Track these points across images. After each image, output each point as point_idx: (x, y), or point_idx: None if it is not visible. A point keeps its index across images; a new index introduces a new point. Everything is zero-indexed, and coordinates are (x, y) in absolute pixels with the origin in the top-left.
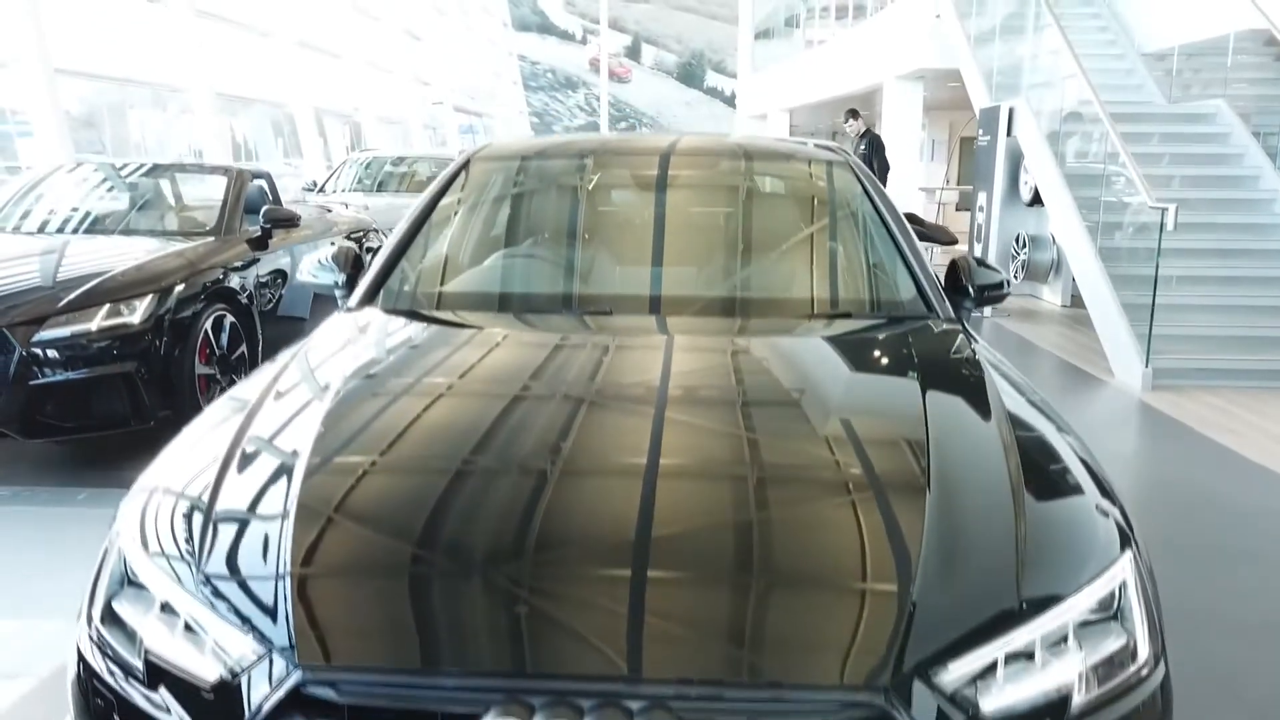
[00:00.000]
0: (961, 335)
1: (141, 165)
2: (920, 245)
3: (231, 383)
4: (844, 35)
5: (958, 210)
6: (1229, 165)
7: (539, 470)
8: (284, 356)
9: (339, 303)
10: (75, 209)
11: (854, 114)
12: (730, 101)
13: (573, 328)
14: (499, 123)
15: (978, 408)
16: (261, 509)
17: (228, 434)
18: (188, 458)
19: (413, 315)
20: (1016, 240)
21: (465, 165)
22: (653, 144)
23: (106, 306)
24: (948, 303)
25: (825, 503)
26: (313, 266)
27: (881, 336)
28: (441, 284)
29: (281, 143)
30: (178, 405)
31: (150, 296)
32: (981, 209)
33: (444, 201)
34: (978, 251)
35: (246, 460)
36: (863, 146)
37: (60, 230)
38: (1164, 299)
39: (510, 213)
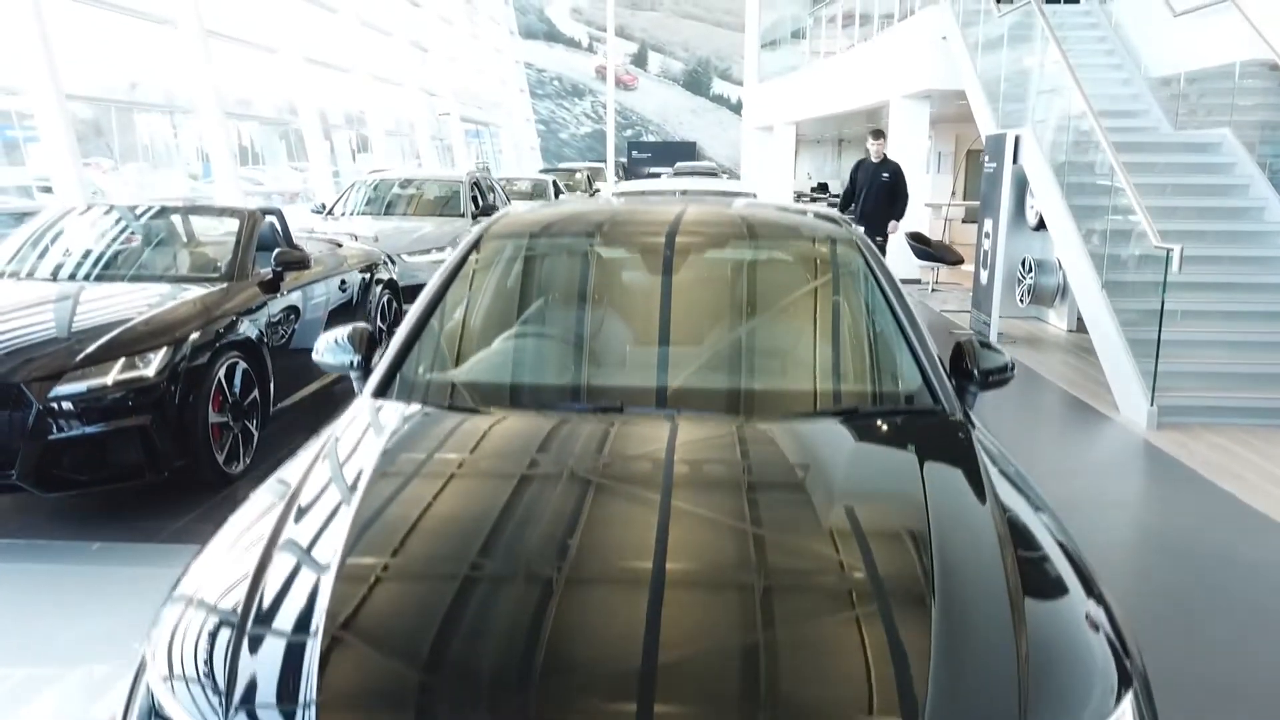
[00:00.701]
0: (965, 432)
1: (151, 207)
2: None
3: (244, 430)
4: (850, 52)
5: (964, 223)
6: (1234, 196)
7: (546, 579)
8: (305, 458)
9: (354, 384)
10: (88, 252)
11: (880, 135)
12: (736, 109)
13: (582, 423)
14: (506, 132)
15: (979, 514)
16: (290, 632)
17: (255, 550)
18: (214, 578)
19: (427, 410)
20: (1022, 264)
21: (477, 242)
22: (660, 217)
23: (122, 360)
24: (952, 393)
25: (832, 620)
26: (328, 346)
27: (887, 436)
28: (455, 375)
29: (286, 145)
30: (191, 455)
31: (165, 349)
32: (988, 235)
33: (456, 282)
34: (983, 277)
35: (274, 578)
36: (885, 175)
37: (73, 276)
38: (1169, 334)
39: (520, 296)
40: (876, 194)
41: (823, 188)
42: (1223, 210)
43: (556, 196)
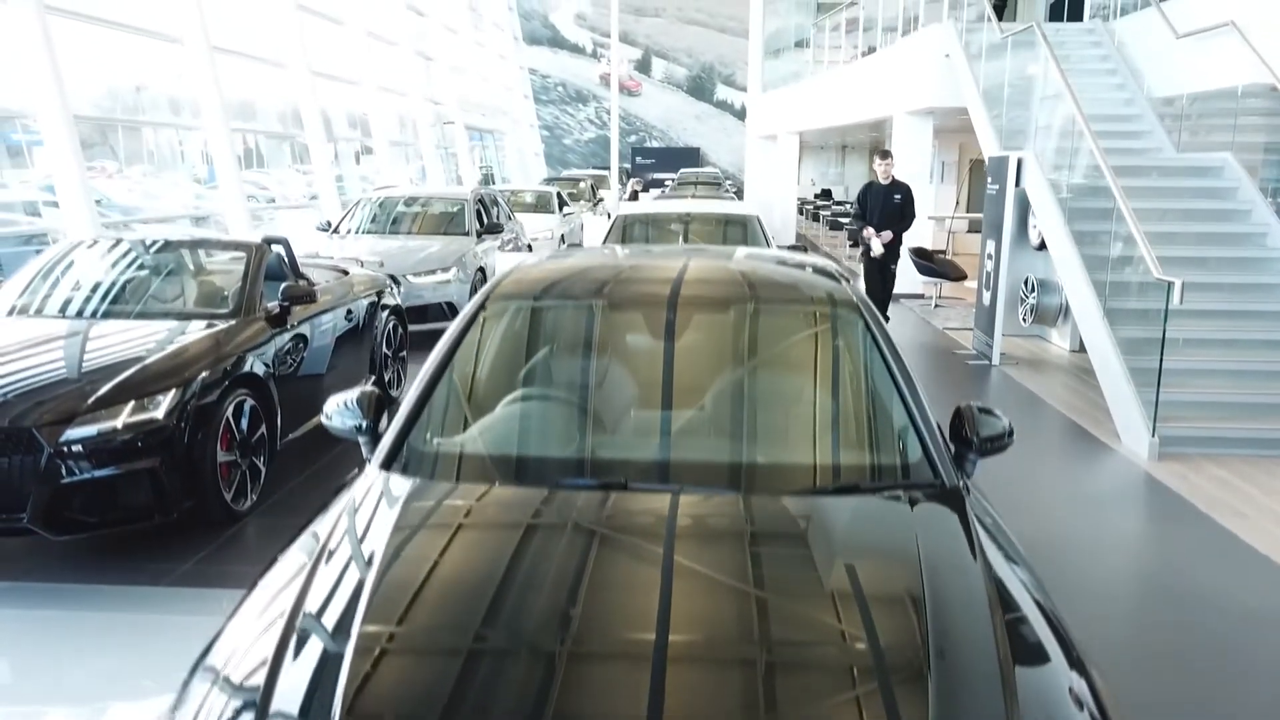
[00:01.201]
0: (964, 509)
1: (158, 242)
2: (930, 275)
3: (252, 467)
4: (853, 65)
5: (969, 233)
6: (1236, 222)
7: (550, 654)
8: (318, 534)
9: (362, 449)
10: (96, 287)
11: (887, 155)
12: (740, 114)
13: (587, 501)
14: (510, 138)
15: (974, 594)
16: (310, 716)
17: (273, 633)
18: (234, 659)
19: (434, 486)
20: (1025, 283)
21: (483, 305)
22: (662, 274)
23: (132, 403)
24: (951, 465)
25: (832, 697)
26: (336, 409)
27: (886, 515)
28: (461, 445)
29: (291, 147)
30: (200, 495)
31: (174, 390)
32: (990, 256)
33: (463, 346)
34: (985, 298)
35: (292, 662)
36: (897, 197)
37: (82, 312)
38: (1170, 363)
39: (525, 362)
40: (888, 218)
41: (826, 194)
42: (1224, 236)
43: (561, 208)
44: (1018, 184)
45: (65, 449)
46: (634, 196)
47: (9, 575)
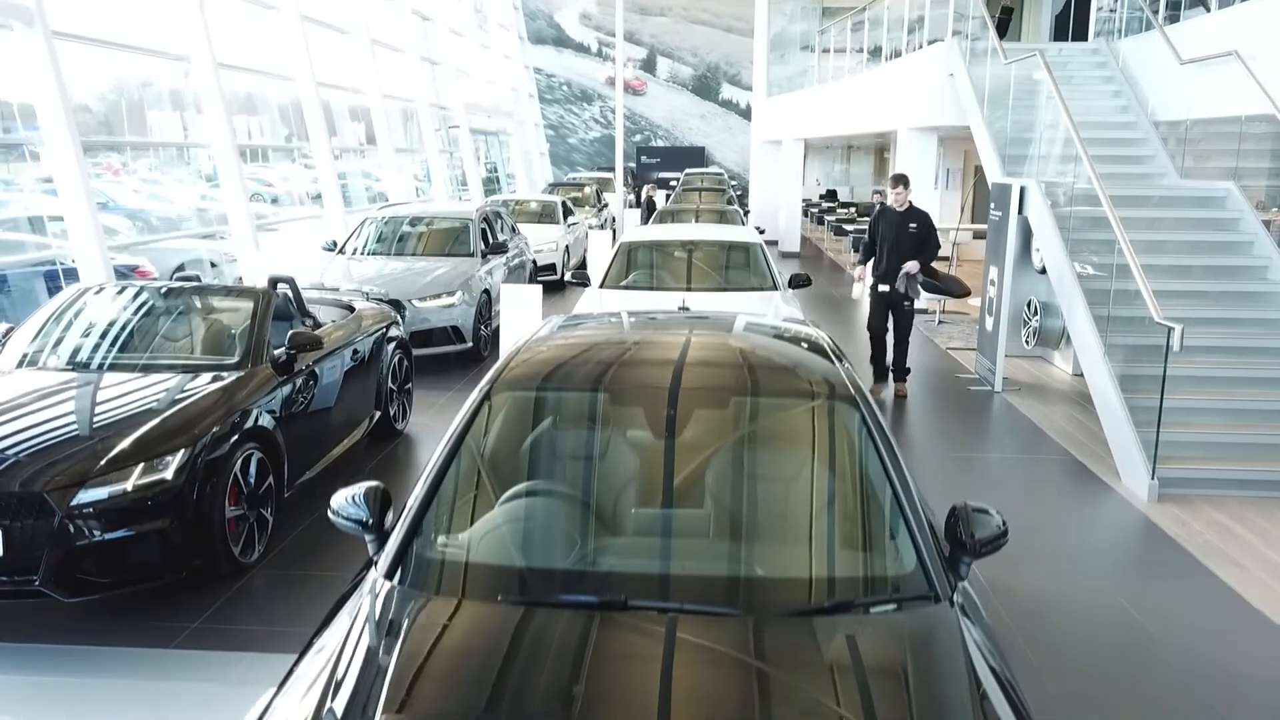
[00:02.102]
0: (956, 630)
1: (163, 288)
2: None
3: (259, 518)
4: (859, 76)
5: (975, 238)
6: (1238, 255)
7: None
8: (326, 649)
9: (367, 545)
10: (103, 337)
11: (902, 181)
12: (745, 114)
13: (584, 621)
14: (515, 140)
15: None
16: None
17: None
18: None
19: (438, 602)
20: (1028, 306)
21: (487, 396)
22: (663, 353)
23: (141, 465)
24: (945, 578)
25: None
26: (343, 504)
27: (878, 638)
28: (465, 554)
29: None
30: (208, 552)
31: (183, 450)
32: (993, 283)
33: (468, 439)
34: (989, 323)
35: None
36: (913, 226)
37: (89, 363)
38: (1170, 401)
39: (528, 461)
40: (904, 249)
41: (831, 194)
42: (1225, 269)
43: (565, 218)
44: (1020, 212)
45: (76, 512)
46: (649, 206)
47: (16, 636)
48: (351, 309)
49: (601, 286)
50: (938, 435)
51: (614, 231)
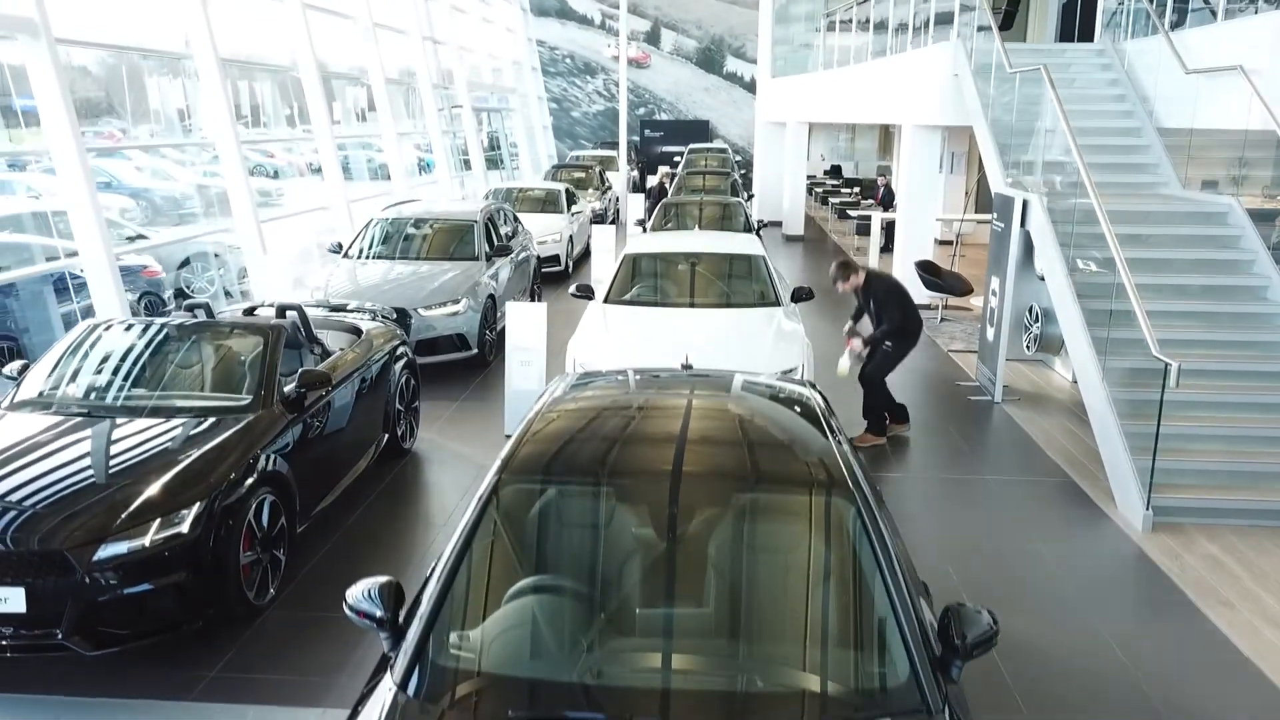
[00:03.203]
0: None
1: (173, 323)
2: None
3: (274, 560)
4: (864, 66)
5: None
6: (1238, 274)
7: None
8: None
9: (381, 641)
10: (114, 376)
11: (846, 269)
12: (749, 87)
13: None
14: (518, 115)
15: None
16: None
17: None
18: None
19: (454, 714)
20: (1029, 312)
21: (495, 489)
22: (667, 427)
23: (158, 520)
24: (935, 688)
25: None
26: (358, 597)
27: None
28: (475, 663)
29: (294, 107)
30: (224, 600)
31: (198, 503)
32: (994, 293)
33: (479, 538)
34: (990, 333)
35: None
36: (871, 304)
37: (101, 405)
38: (1166, 426)
39: (537, 557)
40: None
41: (836, 170)
42: (1225, 289)
43: (569, 206)
44: (1023, 225)
45: (97, 568)
46: (660, 192)
47: (36, 687)
48: (358, 332)
49: (606, 301)
50: (934, 454)
51: (617, 213)
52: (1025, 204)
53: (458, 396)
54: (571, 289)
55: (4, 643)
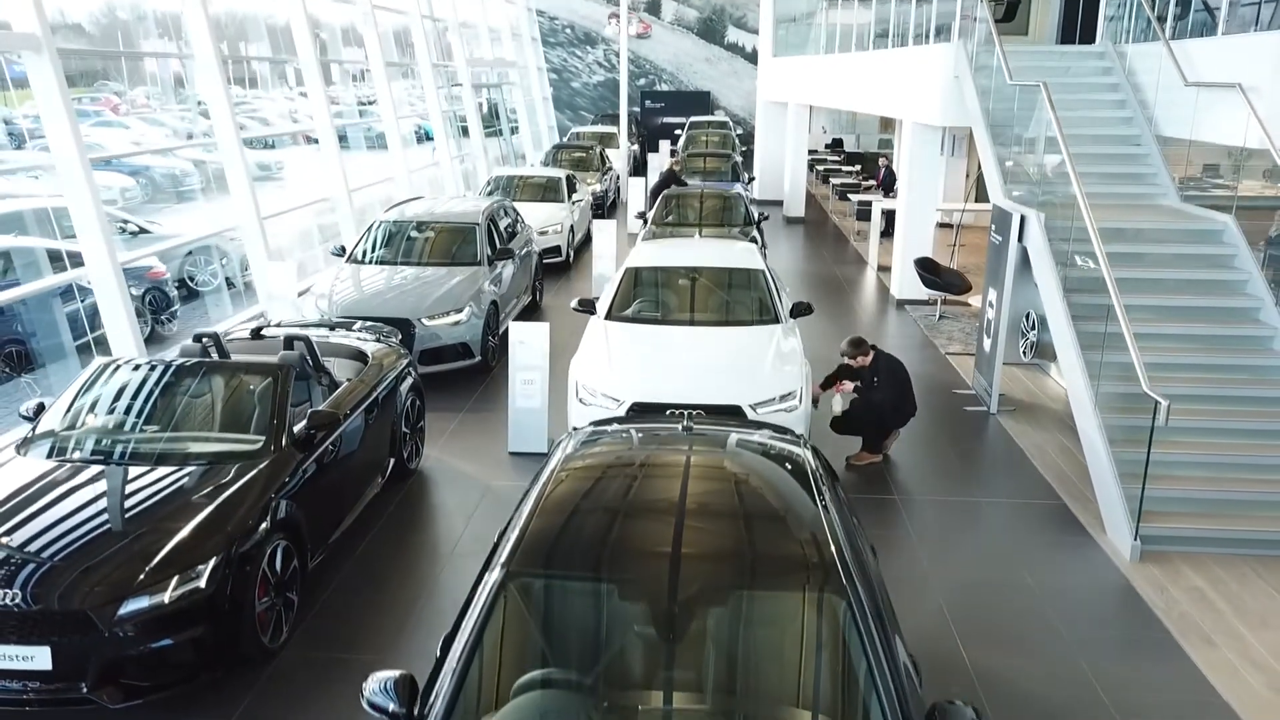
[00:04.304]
0: None
1: (182, 364)
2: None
3: (286, 603)
4: (867, 55)
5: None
6: (1231, 295)
7: None
8: None
9: None
10: (127, 415)
11: (857, 347)
12: (751, 58)
13: None
14: (518, 90)
15: None
16: None
17: None
18: None
19: None
20: (1026, 318)
21: (503, 583)
22: (668, 512)
23: (176, 577)
24: None
25: None
26: (374, 689)
27: None
28: None
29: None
30: (241, 649)
31: (214, 558)
32: (991, 305)
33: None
34: (986, 344)
35: None
36: (875, 379)
37: (114, 450)
38: (1155, 454)
39: (542, 653)
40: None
41: (838, 143)
42: (1218, 310)
43: (570, 193)
44: (1020, 240)
45: (119, 626)
46: (670, 179)
47: None
48: (364, 357)
49: (607, 318)
50: (928, 474)
51: (618, 191)
52: (1023, 219)
53: (461, 407)
54: (573, 303)
55: (29, 697)
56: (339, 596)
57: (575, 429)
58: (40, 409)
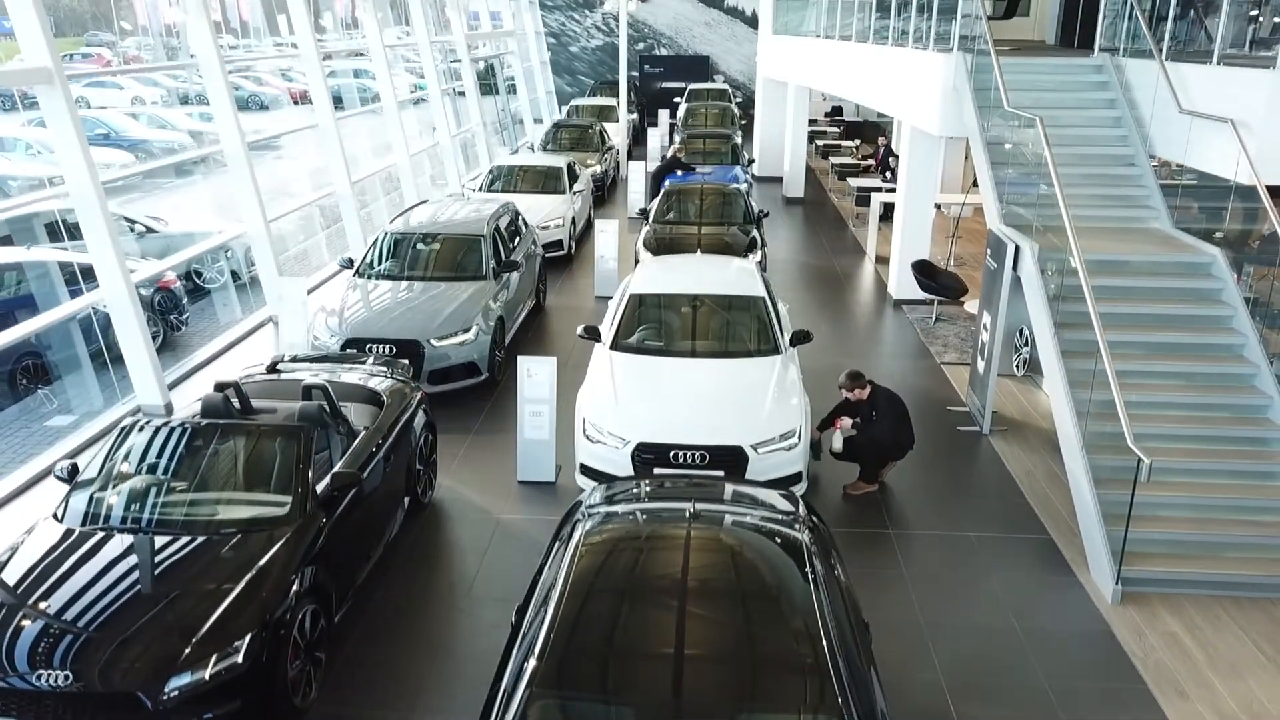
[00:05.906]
0: None
1: (203, 425)
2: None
3: (315, 663)
4: (868, 48)
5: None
6: (1217, 331)
7: None
8: None
9: None
10: (152, 483)
11: (855, 380)
12: (751, 22)
13: None
14: (516, 59)
15: None
16: None
17: None
18: None
19: None
20: (1019, 334)
21: (526, 705)
22: (668, 628)
23: (215, 654)
24: None
25: None
26: None
27: None
28: None
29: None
30: (274, 713)
31: (250, 634)
32: (985, 328)
33: None
34: (980, 365)
35: None
36: (874, 414)
37: (142, 518)
38: (1139, 496)
39: None
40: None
41: (837, 110)
42: (1203, 347)
43: (572, 184)
44: (1014, 269)
45: (163, 704)
46: (674, 164)
47: None
48: (379, 401)
49: (612, 347)
50: (921, 504)
51: (616, 168)
52: (1017, 249)
53: (470, 428)
54: (579, 330)
55: None
56: (361, 646)
57: (586, 505)
58: (74, 470)
